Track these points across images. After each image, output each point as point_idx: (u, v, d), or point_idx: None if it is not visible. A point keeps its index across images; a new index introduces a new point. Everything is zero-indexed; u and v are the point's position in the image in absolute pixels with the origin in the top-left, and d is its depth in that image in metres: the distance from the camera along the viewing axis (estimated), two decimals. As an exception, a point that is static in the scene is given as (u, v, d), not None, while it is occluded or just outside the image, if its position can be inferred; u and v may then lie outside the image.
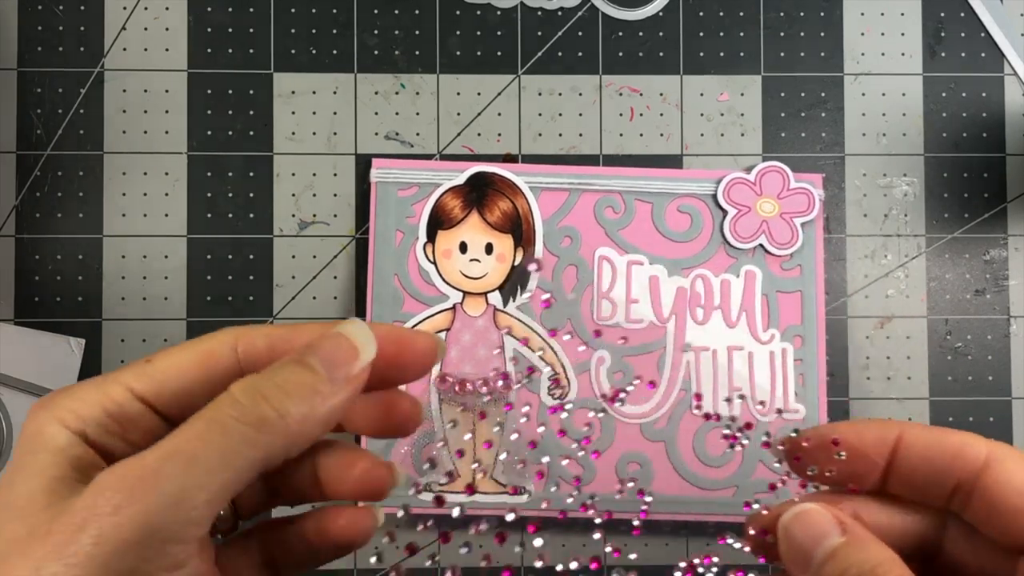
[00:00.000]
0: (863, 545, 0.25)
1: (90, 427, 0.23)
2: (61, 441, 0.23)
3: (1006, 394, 0.49)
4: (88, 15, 0.49)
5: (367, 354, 0.25)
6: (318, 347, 0.24)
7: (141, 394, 0.24)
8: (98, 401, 0.24)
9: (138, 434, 0.24)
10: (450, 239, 0.48)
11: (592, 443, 0.47)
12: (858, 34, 0.50)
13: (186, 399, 0.24)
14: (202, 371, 0.25)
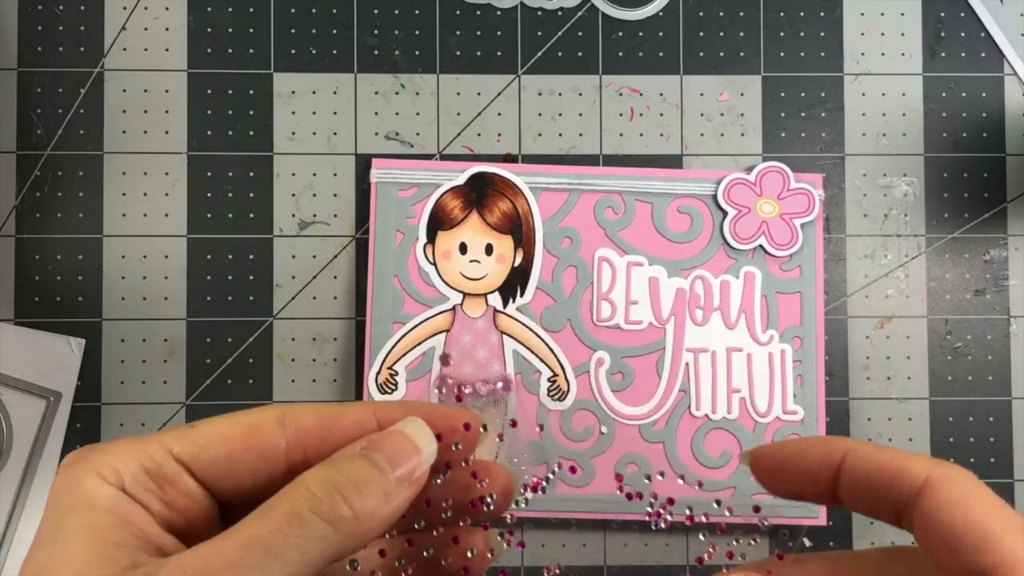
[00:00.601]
0: None
1: (128, 482, 0.23)
2: (105, 498, 0.23)
3: (1006, 394, 0.49)
4: (88, 15, 0.49)
5: (428, 454, 0.25)
6: (381, 444, 0.24)
7: (179, 456, 0.24)
8: (135, 457, 0.24)
9: (176, 496, 0.24)
10: (450, 240, 0.48)
11: (588, 451, 0.47)
12: (858, 34, 0.50)
13: (225, 468, 0.25)
14: (245, 442, 0.25)
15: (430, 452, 0.25)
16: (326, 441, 0.25)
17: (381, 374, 0.47)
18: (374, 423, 0.26)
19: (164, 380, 0.48)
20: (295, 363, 0.49)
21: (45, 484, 0.47)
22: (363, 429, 0.26)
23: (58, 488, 0.23)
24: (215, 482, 0.24)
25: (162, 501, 0.24)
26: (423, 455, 0.25)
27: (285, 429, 0.25)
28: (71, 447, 0.48)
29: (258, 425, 0.25)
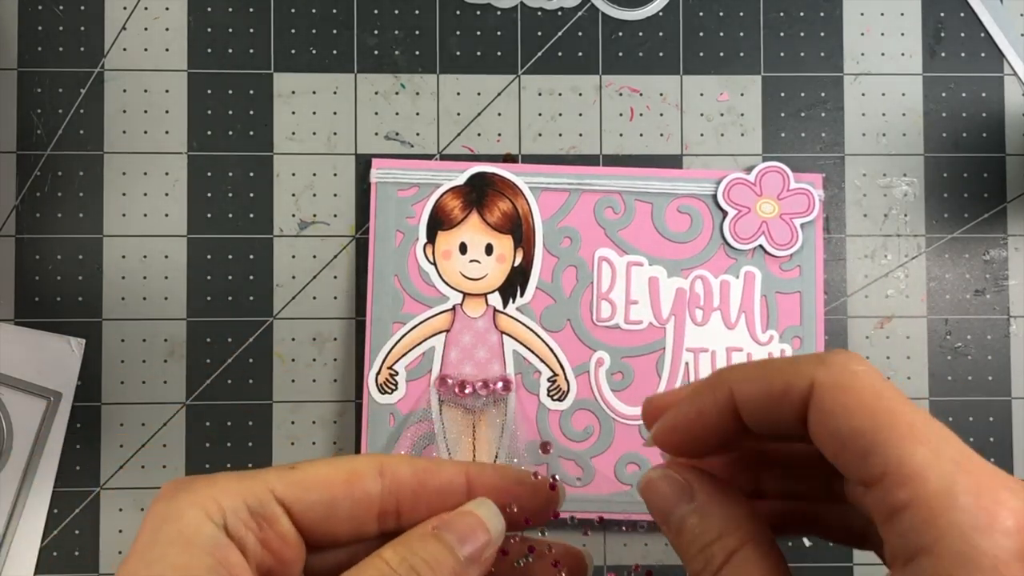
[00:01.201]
0: (706, 512, 0.24)
1: (229, 519, 0.23)
2: (205, 538, 0.23)
3: (1006, 394, 0.49)
4: (88, 15, 0.49)
5: (496, 536, 0.26)
6: (452, 525, 0.25)
7: (282, 497, 0.24)
8: (240, 494, 0.24)
9: (273, 537, 0.24)
10: (450, 240, 0.48)
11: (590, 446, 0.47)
12: (858, 34, 0.50)
13: (324, 511, 0.25)
14: (346, 488, 0.25)
15: (498, 533, 0.26)
16: (418, 495, 0.26)
17: (381, 374, 0.47)
18: (464, 482, 0.27)
19: (164, 380, 0.48)
20: (295, 363, 0.49)
21: (45, 484, 0.47)
22: (454, 487, 0.26)
23: (158, 515, 0.23)
24: (312, 526, 0.25)
25: (259, 540, 0.24)
26: (492, 536, 0.25)
27: (383, 479, 0.26)
28: (71, 447, 0.48)
29: (358, 472, 0.26)
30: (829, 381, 0.22)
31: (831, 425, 0.21)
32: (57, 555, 0.48)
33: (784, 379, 0.22)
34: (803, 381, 0.22)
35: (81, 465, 0.48)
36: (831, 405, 0.21)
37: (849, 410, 0.21)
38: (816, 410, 0.22)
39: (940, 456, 0.20)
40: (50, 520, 0.48)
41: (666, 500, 0.25)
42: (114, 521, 0.48)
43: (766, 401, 0.23)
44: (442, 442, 0.47)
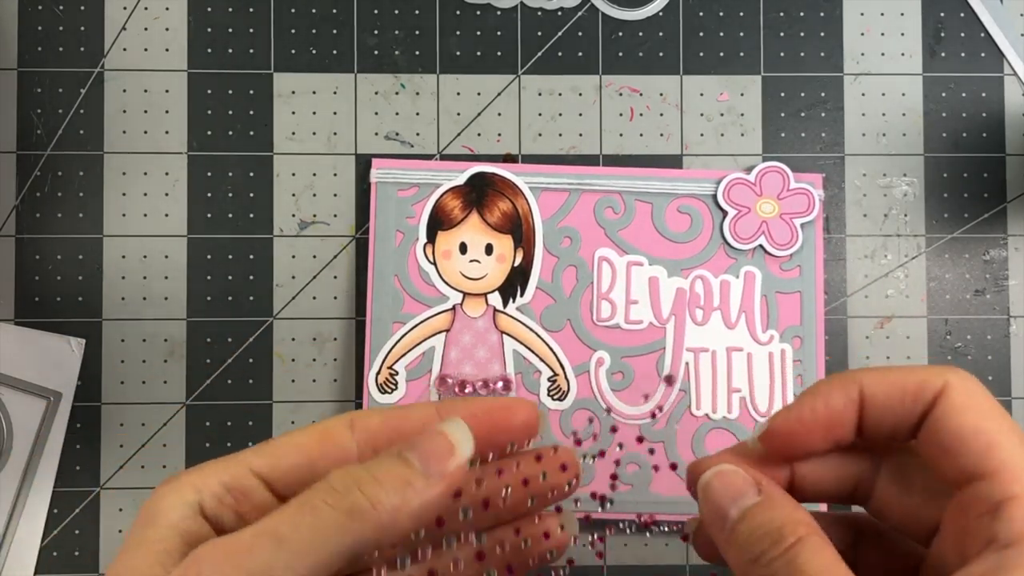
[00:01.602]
0: (775, 504, 0.25)
1: (206, 499, 0.25)
2: (175, 515, 0.24)
3: (1006, 394, 0.49)
4: (88, 15, 0.49)
5: (463, 452, 0.26)
6: (416, 443, 0.25)
7: (259, 469, 0.26)
8: (216, 475, 0.26)
9: (250, 508, 0.25)
10: (450, 240, 0.48)
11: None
12: (858, 34, 0.50)
13: (301, 476, 0.26)
14: (318, 449, 0.26)
15: (465, 450, 0.26)
16: (393, 441, 0.26)
17: (381, 374, 0.47)
18: (436, 421, 0.27)
19: (164, 380, 0.48)
20: (295, 363, 0.49)
21: (45, 484, 0.47)
22: (427, 427, 0.26)
23: (143, 507, 0.25)
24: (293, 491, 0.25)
25: (238, 514, 0.25)
26: (457, 453, 0.25)
27: (355, 432, 0.26)
28: (71, 447, 0.48)
29: (329, 430, 0.26)
30: (963, 384, 0.24)
31: (959, 420, 0.24)
32: (57, 555, 0.48)
33: (920, 377, 0.25)
34: (938, 380, 0.24)
35: (81, 465, 0.48)
36: (965, 402, 0.24)
37: (981, 410, 0.24)
38: (948, 406, 0.24)
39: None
40: (50, 520, 0.48)
41: (736, 489, 0.26)
42: (114, 521, 0.48)
43: (898, 398, 0.25)
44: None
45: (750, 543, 0.25)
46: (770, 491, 0.26)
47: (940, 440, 0.24)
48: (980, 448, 0.23)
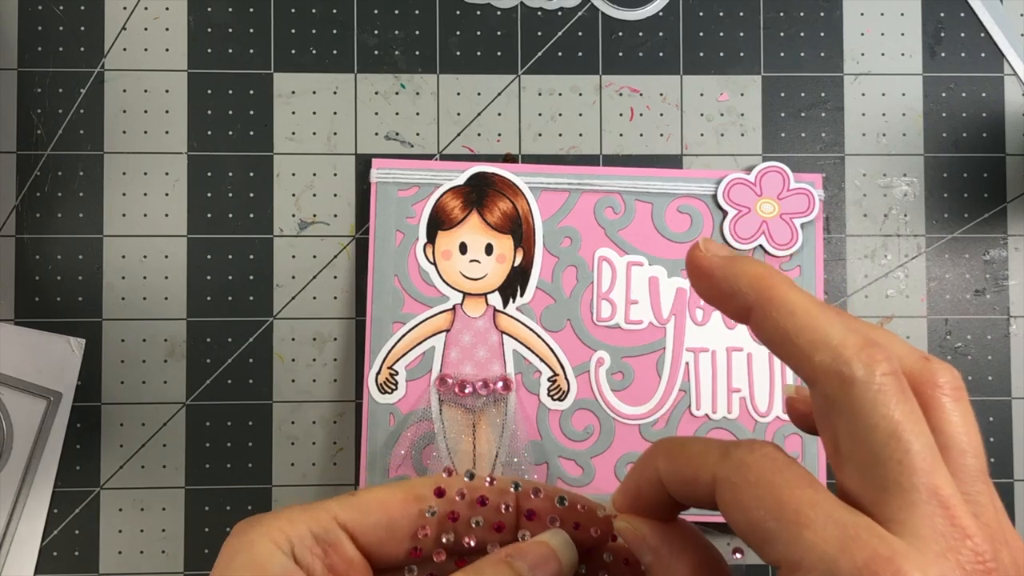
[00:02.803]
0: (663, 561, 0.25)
1: (297, 547, 0.25)
2: (276, 565, 0.25)
3: (1006, 394, 0.49)
4: (88, 15, 0.49)
5: (568, 565, 0.26)
6: (524, 553, 0.26)
7: (344, 522, 0.26)
8: (304, 522, 0.26)
9: (339, 561, 0.26)
10: (450, 240, 0.48)
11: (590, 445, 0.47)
12: (858, 34, 0.50)
13: (385, 533, 0.26)
14: (403, 507, 0.27)
15: (570, 564, 0.26)
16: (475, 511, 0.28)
17: (381, 374, 0.47)
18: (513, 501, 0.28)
19: (164, 380, 0.48)
20: (295, 363, 0.49)
21: (45, 484, 0.47)
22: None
23: (230, 549, 0.25)
24: (375, 548, 0.26)
25: (326, 566, 0.25)
26: (563, 566, 0.26)
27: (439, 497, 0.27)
28: (71, 447, 0.48)
29: (415, 491, 0.27)
30: (725, 477, 0.22)
31: (732, 517, 0.22)
32: (57, 555, 0.48)
33: (692, 470, 0.23)
34: (707, 475, 0.23)
35: (81, 465, 0.48)
36: (728, 500, 0.22)
37: (743, 506, 0.22)
38: (720, 502, 0.23)
39: (824, 540, 0.20)
40: (50, 520, 0.48)
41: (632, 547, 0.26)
42: (114, 521, 0.48)
43: (682, 485, 0.24)
44: (442, 442, 0.47)
45: None
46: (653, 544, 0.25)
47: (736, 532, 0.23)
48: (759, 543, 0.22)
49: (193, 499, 0.48)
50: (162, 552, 0.48)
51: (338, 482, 0.48)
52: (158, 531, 0.48)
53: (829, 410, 0.22)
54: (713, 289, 0.25)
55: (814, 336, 0.22)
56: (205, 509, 0.48)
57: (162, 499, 0.48)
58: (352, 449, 0.48)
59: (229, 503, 0.48)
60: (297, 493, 0.48)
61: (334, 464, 0.48)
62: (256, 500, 0.48)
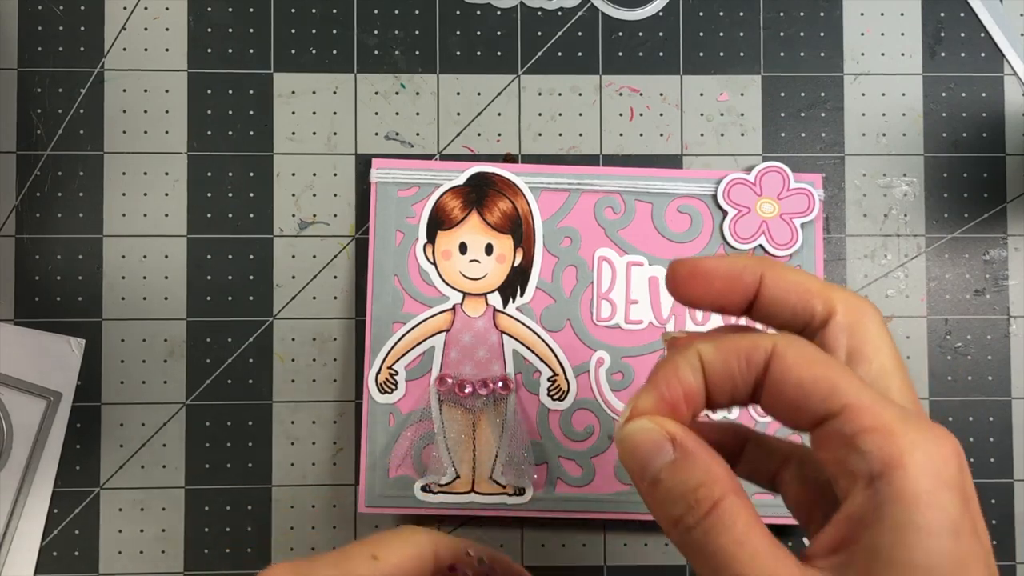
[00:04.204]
0: (691, 463, 0.25)
1: None
2: None
3: (1006, 394, 0.49)
4: (88, 15, 0.49)
5: None
6: None
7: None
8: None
9: None
10: (450, 240, 0.48)
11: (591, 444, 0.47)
12: (858, 34, 0.50)
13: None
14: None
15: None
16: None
17: (381, 374, 0.47)
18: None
19: (164, 380, 0.48)
20: (295, 363, 0.49)
21: (45, 484, 0.47)
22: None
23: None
24: None
25: None
26: None
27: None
28: (71, 447, 0.48)
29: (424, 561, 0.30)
30: (792, 344, 0.25)
31: (798, 374, 0.25)
32: (57, 555, 0.48)
33: (747, 346, 0.26)
34: (767, 343, 0.26)
35: (81, 465, 0.48)
36: (798, 357, 0.25)
37: (816, 360, 0.25)
38: (783, 364, 0.25)
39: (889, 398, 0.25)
40: (50, 520, 0.48)
41: (650, 448, 0.26)
42: (114, 521, 0.48)
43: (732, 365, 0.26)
44: (442, 442, 0.47)
45: (668, 505, 0.25)
46: (685, 446, 0.26)
47: (784, 396, 0.25)
48: (823, 393, 0.24)
49: (193, 499, 0.48)
50: (162, 552, 0.48)
51: (338, 482, 0.48)
52: (158, 531, 0.48)
53: None
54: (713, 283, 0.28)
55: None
56: (205, 509, 0.48)
57: (162, 499, 0.48)
58: (352, 449, 0.48)
59: (229, 503, 0.48)
60: (297, 493, 0.48)
61: (334, 464, 0.48)
62: (256, 500, 0.48)
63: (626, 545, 0.48)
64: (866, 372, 0.27)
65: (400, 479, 0.47)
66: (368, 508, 0.47)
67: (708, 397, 0.27)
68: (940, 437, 0.24)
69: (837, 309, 0.27)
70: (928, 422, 0.24)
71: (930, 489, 0.23)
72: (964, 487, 0.24)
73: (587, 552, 0.48)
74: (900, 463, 0.23)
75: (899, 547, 0.23)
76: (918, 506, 0.23)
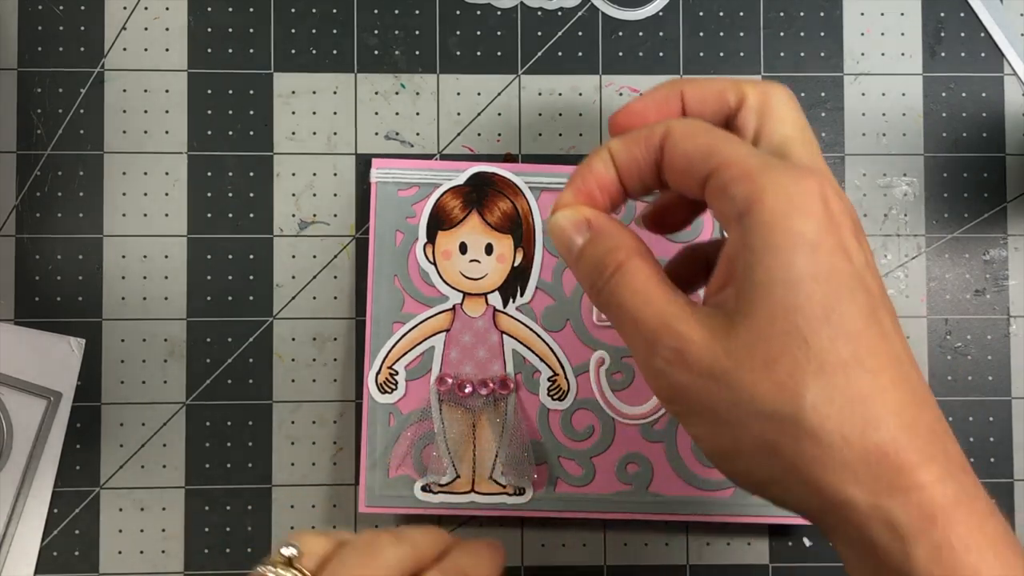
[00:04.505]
0: (601, 238, 0.31)
1: None
2: None
3: (1006, 394, 0.49)
4: (88, 15, 0.49)
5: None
6: None
7: None
8: None
9: None
10: (450, 240, 0.48)
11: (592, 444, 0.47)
12: (858, 34, 0.50)
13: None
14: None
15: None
16: None
17: (381, 374, 0.47)
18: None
19: (164, 380, 0.48)
20: (295, 363, 0.49)
21: (45, 484, 0.47)
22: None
23: None
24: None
25: None
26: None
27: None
28: (71, 447, 0.48)
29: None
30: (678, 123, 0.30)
31: (681, 147, 0.29)
32: (57, 555, 0.48)
33: (648, 130, 0.30)
34: (662, 126, 0.30)
35: (81, 465, 0.48)
36: (681, 133, 0.30)
37: (695, 133, 0.29)
38: (670, 141, 0.30)
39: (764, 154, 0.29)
40: (50, 520, 0.48)
41: (570, 231, 0.31)
42: (114, 521, 0.48)
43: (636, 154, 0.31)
44: (442, 442, 0.47)
45: (587, 274, 0.31)
46: (598, 225, 0.31)
47: (676, 166, 0.30)
48: (702, 156, 0.29)
49: (193, 499, 0.48)
50: (162, 552, 0.48)
51: (338, 482, 0.48)
52: (158, 531, 0.48)
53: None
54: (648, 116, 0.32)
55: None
56: (205, 509, 0.48)
57: (162, 499, 0.48)
58: (352, 449, 0.48)
59: (229, 503, 0.48)
60: (297, 493, 0.48)
61: (334, 464, 0.48)
62: (256, 500, 0.48)
63: (626, 545, 0.48)
64: (770, 143, 0.30)
65: (400, 479, 0.47)
66: (368, 508, 0.47)
67: (623, 184, 0.32)
68: (801, 175, 0.28)
69: (747, 94, 0.31)
70: (796, 166, 0.28)
71: (784, 215, 0.27)
72: (830, 213, 0.27)
73: (587, 552, 0.48)
74: (759, 199, 0.27)
75: (760, 268, 0.27)
76: (773, 231, 0.27)
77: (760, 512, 0.46)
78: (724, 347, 0.27)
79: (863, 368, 0.26)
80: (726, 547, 0.48)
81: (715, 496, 0.47)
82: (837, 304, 0.26)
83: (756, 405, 0.26)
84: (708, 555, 0.48)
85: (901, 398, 0.26)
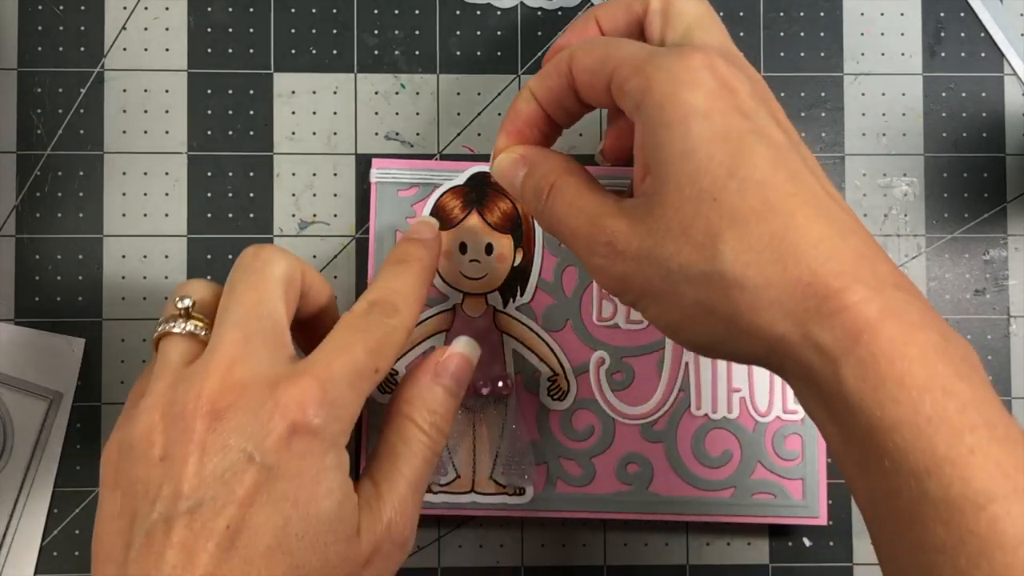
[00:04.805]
0: (535, 170, 0.34)
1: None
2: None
3: (1006, 394, 0.49)
4: (88, 15, 0.49)
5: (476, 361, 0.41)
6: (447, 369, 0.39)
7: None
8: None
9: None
10: (450, 240, 0.48)
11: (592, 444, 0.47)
12: (858, 34, 0.50)
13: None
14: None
15: (476, 359, 0.40)
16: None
17: (381, 374, 0.47)
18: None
19: (164, 380, 0.48)
20: (295, 363, 0.48)
21: (45, 484, 0.47)
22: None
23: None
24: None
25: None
26: (473, 364, 0.39)
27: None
28: (71, 447, 0.48)
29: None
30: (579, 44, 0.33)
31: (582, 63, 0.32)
32: (57, 555, 0.48)
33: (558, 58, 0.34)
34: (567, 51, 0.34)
35: (81, 465, 0.48)
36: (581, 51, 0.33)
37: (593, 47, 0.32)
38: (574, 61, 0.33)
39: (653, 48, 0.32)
40: (50, 520, 0.48)
41: (510, 171, 0.35)
42: (114, 521, 0.48)
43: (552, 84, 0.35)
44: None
45: (531, 205, 0.35)
46: (530, 158, 0.35)
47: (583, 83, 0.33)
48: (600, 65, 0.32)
49: (193, 499, 0.48)
50: (162, 552, 0.48)
51: (338, 482, 0.48)
52: (158, 531, 0.48)
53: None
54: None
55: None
56: (205, 509, 0.48)
57: (162, 499, 0.48)
58: (352, 449, 0.48)
59: (229, 503, 0.48)
60: (297, 493, 0.48)
61: (334, 464, 0.48)
62: (256, 500, 0.48)
63: (626, 545, 0.48)
64: (675, 36, 0.33)
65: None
66: (368, 508, 0.47)
67: (549, 116, 0.35)
68: (684, 53, 0.29)
69: (650, 1, 0.34)
70: (680, 48, 0.30)
71: (672, 93, 0.28)
72: (721, 80, 0.29)
73: (587, 552, 0.48)
74: (648, 86, 0.29)
75: (661, 146, 0.29)
76: (664, 108, 0.28)
77: (760, 512, 0.46)
78: (647, 228, 0.29)
79: (774, 212, 0.27)
80: (726, 547, 0.48)
81: (715, 496, 0.47)
82: (739, 159, 0.28)
83: (684, 272, 0.28)
84: (708, 555, 0.48)
85: (820, 231, 0.27)
